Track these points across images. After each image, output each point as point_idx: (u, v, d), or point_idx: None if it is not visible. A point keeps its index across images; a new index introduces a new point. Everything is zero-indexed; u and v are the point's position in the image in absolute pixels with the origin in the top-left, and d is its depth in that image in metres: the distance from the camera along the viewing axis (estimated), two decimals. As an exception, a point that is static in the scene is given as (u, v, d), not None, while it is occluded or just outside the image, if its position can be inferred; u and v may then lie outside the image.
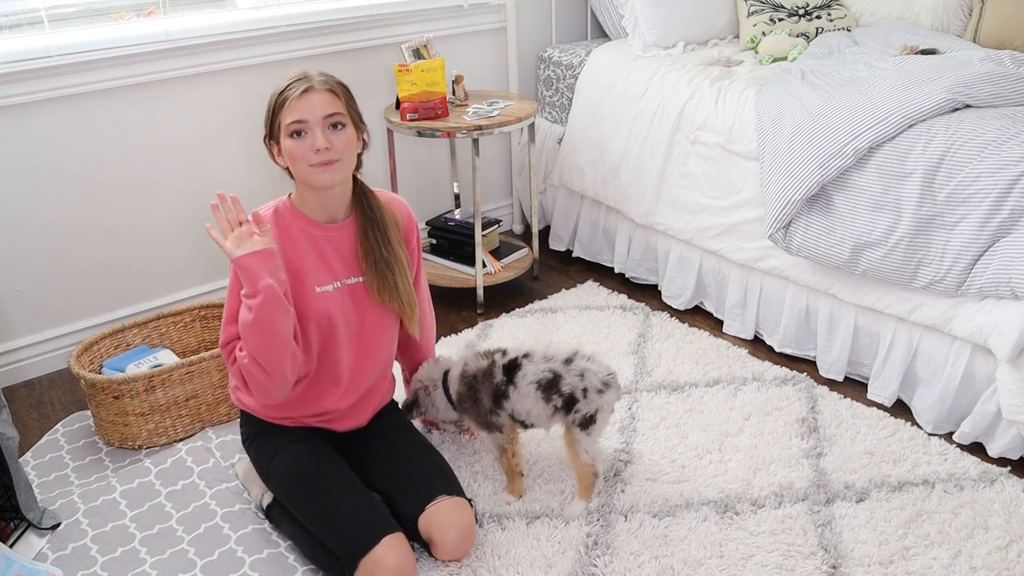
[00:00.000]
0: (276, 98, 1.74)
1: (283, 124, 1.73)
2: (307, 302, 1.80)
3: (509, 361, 1.93)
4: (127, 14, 2.63)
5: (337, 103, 1.74)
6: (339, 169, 1.76)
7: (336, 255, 1.84)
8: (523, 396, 1.90)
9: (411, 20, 3.06)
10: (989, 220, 2.01)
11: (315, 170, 1.73)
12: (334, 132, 1.74)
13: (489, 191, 3.53)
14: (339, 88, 1.77)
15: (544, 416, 1.92)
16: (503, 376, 1.92)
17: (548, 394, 1.88)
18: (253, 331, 1.69)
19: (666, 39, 3.08)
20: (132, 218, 2.70)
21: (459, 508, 1.80)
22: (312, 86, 1.72)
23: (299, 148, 1.72)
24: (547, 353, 1.92)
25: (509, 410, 1.93)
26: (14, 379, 2.63)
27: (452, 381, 2.00)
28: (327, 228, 1.83)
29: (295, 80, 1.73)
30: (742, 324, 2.70)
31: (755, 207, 2.52)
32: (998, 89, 2.21)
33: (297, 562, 1.83)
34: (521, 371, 1.91)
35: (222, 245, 1.69)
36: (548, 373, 1.89)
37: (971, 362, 2.13)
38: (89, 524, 1.96)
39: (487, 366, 1.95)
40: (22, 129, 2.45)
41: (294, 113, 1.71)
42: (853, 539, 1.84)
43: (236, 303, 1.75)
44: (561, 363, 1.90)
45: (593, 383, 1.88)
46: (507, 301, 3.00)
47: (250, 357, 1.72)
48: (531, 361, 1.91)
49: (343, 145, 1.75)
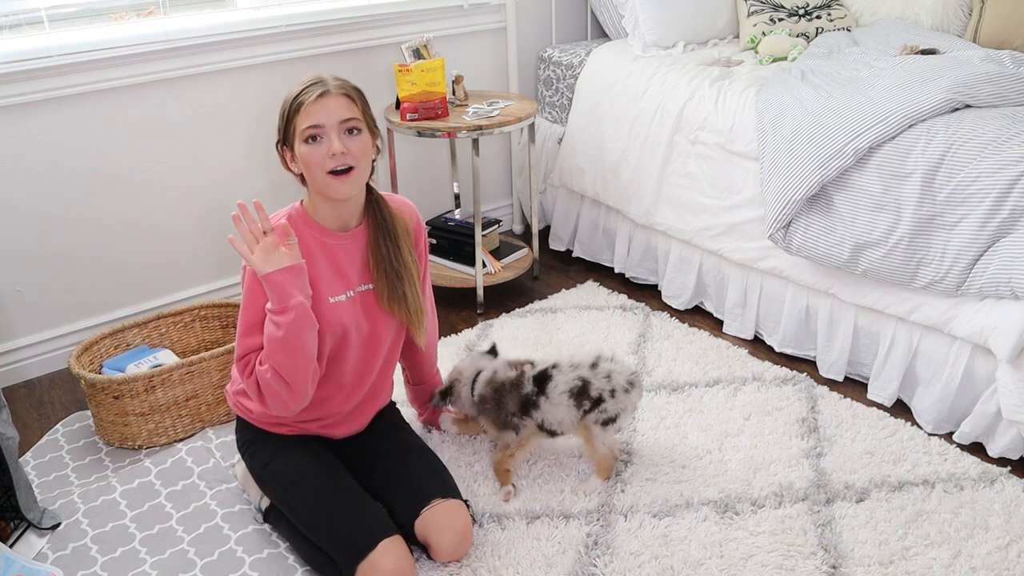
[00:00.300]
0: (290, 103, 1.70)
1: (298, 129, 1.69)
2: (321, 313, 1.77)
3: (539, 373, 1.99)
4: (127, 14, 2.63)
5: (353, 108, 1.72)
6: (356, 179, 1.73)
7: (348, 263, 1.82)
8: (555, 406, 1.97)
9: (411, 20, 3.06)
10: (989, 220, 2.01)
11: (332, 181, 1.70)
12: (350, 137, 1.71)
13: (489, 191, 3.53)
14: (355, 93, 1.74)
15: (574, 422, 1.98)
16: (533, 387, 1.98)
17: (579, 400, 1.95)
18: (280, 348, 1.67)
19: (666, 39, 3.08)
20: (132, 218, 2.70)
21: (454, 511, 1.80)
22: (328, 90, 1.69)
23: (314, 154, 1.69)
24: (573, 361, 1.99)
25: (539, 420, 2.00)
26: (14, 379, 2.63)
27: (479, 383, 2.06)
28: (340, 237, 1.81)
29: (310, 84, 1.70)
30: (742, 324, 2.70)
31: (755, 207, 2.52)
32: (998, 89, 2.21)
33: (297, 562, 1.83)
34: (552, 382, 1.97)
35: (248, 259, 1.65)
36: (578, 381, 1.96)
37: (971, 362, 2.13)
38: (89, 524, 1.96)
39: (515, 376, 2.01)
40: (22, 129, 2.45)
41: (310, 118, 1.67)
42: (853, 539, 1.84)
43: (253, 315, 1.73)
44: (588, 368, 1.97)
45: (619, 383, 1.97)
46: (507, 301, 3.00)
47: (273, 372, 1.69)
48: (560, 371, 1.98)
49: (359, 151, 1.71)
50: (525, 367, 2.03)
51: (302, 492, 1.78)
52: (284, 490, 1.81)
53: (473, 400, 2.07)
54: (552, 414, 1.97)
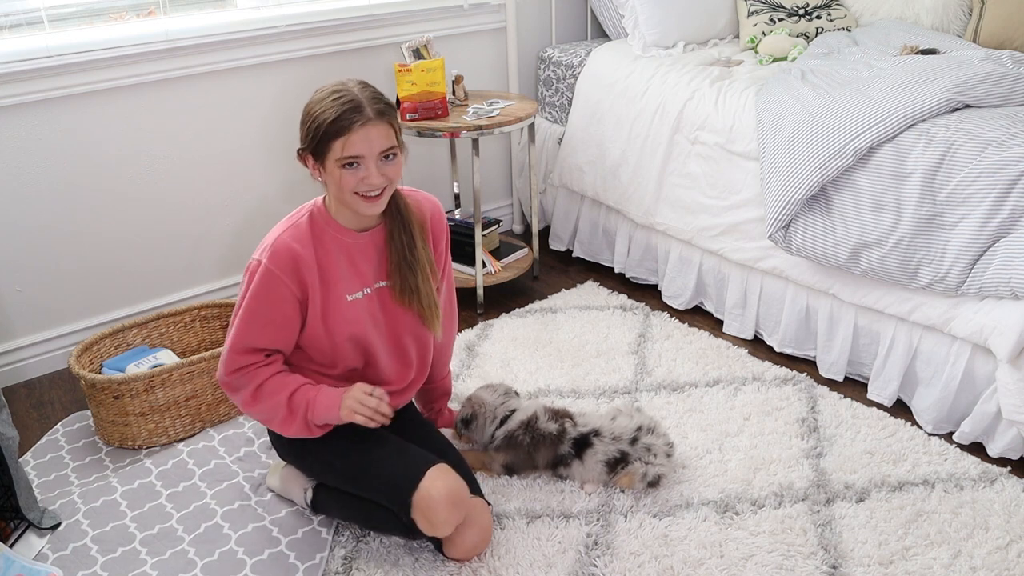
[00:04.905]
0: (327, 125, 1.64)
1: (334, 154, 1.66)
2: (340, 312, 1.79)
3: (580, 437, 2.01)
4: (127, 14, 2.63)
5: (392, 135, 1.70)
6: (385, 198, 1.74)
7: (366, 261, 1.83)
8: (587, 469, 2.00)
9: (411, 20, 3.06)
10: (989, 220, 2.01)
11: (362, 201, 1.70)
12: (386, 163, 1.70)
13: (489, 191, 3.53)
14: (391, 114, 1.70)
15: (599, 481, 2.02)
16: (571, 450, 2.00)
17: (613, 467, 1.99)
18: (287, 426, 1.77)
19: (666, 39, 3.08)
20: (132, 217, 2.70)
21: (481, 509, 1.81)
22: (370, 118, 1.64)
23: (352, 178, 1.68)
24: (615, 432, 2.01)
25: (565, 475, 2.04)
26: (14, 379, 2.63)
27: (512, 422, 2.05)
28: (358, 236, 1.82)
29: (347, 108, 1.64)
30: (742, 324, 2.70)
31: (755, 207, 2.52)
32: (998, 89, 2.21)
33: (298, 560, 1.84)
34: (591, 449, 2.00)
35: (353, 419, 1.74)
36: (616, 453, 1.99)
37: (971, 362, 2.13)
38: (89, 524, 1.96)
39: (556, 432, 2.02)
40: (22, 129, 2.45)
41: (351, 148, 1.64)
42: (853, 539, 1.84)
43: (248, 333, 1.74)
44: (628, 443, 2.00)
45: (658, 457, 2.00)
46: (507, 301, 3.00)
47: (258, 415, 1.80)
48: (601, 441, 2.00)
49: (394, 174, 1.72)
50: (566, 424, 2.02)
51: (342, 449, 1.81)
52: (326, 455, 1.83)
53: (494, 434, 2.06)
54: (581, 474, 2.01)
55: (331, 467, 1.83)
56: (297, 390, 1.76)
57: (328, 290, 1.77)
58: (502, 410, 2.08)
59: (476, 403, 2.11)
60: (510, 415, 2.07)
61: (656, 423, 2.05)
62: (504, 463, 2.06)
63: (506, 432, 2.04)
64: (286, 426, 1.78)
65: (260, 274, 1.72)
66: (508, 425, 2.05)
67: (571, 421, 2.04)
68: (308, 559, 1.85)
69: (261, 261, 1.72)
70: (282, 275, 1.71)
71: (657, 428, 2.04)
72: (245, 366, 1.76)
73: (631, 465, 1.98)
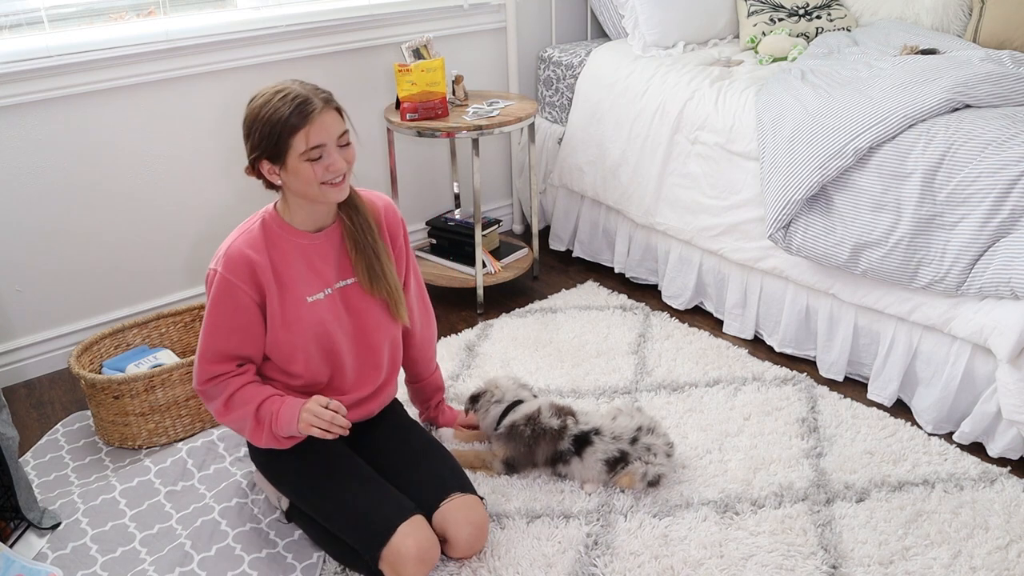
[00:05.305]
0: (283, 122, 1.65)
1: (296, 149, 1.67)
2: (300, 315, 1.79)
3: (580, 434, 2.01)
4: (127, 14, 2.63)
5: (342, 120, 1.73)
6: (348, 183, 1.77)
7: (324, 262, 1.83)
8: (587, 468, 2.01)
9: (411, 20, 3.06)
10: (989, 220, 2.01)
11: (329, 190, 1.72)
12: (343, 150, 1.73)
13: (489, 191, 3.53)
14: (336, 101, 1.74)
15: (598, 480, 2.02)
16: (571, 447, 2.00)
17: (612, 466, 1.99)
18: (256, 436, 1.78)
19: (666, 39, 3.08)
20: (132, 218, 2.70)
21: (473, 505, 1.81)
22: (322, 107, 1.67)
23: (319, 169, 1.69)
24: (615, 432, 2.01)
25: (563, 472, 2.04)
26: (14, 379, 2.63)
27: (516, 413, 2.06)
28: (314, 237, 1.82)
29: (299, 102, 1.66)
30: (742, 324, 2.70)
31: (755, 207, 2.52)
32: (998, 89, 2.21)
33: (296, 560, 1.84)
34: (591, 447, 2.00)
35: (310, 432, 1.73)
36: (616, 452, 1.99)
37: (971, 362, 2.13)
38: (89, 524, 1.96)
39: (557, 428, 2.01)
40: (22, 129, 2.45)
41: (314, 138, 1.66)
42: (853, 539, 1.84)
43: (214, 342, 1.76)
44: (628, 443, 2.00)
45: (658, 456, 2.00)
46: (507, 301, 3.00)
47: (231, 424, 1.82)
48: (601, 439, 2.00)
49: (352, 158, 1.75)
50: (568, 420, 2.03)
51: (315, 484, 1.80)
52: (298, 484, 1.83)
53: (498, 424, 2.07)
54: (580, 472, 2.02)
55: (303, 498, 1.83)
56: (264, 401, 1.77)
57: (285, 292, 1.78)
58: (511, 395, 2.10)
59: (490, 383, 2.14)
60: (517, 404, 2.08)
61: (656, 423, 2.05)
62: (504, 458, 2.05)
63: (509, 423, 2.05)
64: (255, 437, 1.79)
65: (217, 282, 1.73)
66: (512, 416, 2.05)
67: (573, 418, 2.05)
68: (306, 558, 1.85)
69: (217, 270, 1.73)
70: (238, 281, 1.72)
71: (657, 428, 2.04)
72: (217, 376, 1.77)
73: (631, 465, 1.98)
